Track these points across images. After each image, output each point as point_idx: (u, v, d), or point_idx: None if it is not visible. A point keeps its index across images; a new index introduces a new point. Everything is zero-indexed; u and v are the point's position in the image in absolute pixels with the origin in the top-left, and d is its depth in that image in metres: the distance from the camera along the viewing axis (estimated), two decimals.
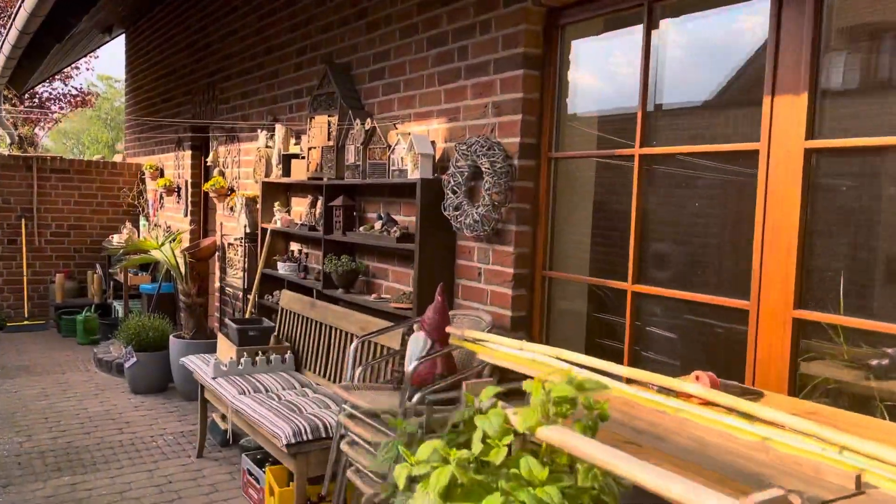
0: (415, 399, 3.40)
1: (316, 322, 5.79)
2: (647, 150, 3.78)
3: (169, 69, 10.53)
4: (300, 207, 6.84)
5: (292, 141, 6.91)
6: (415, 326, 4.10)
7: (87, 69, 37.79)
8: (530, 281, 4.36)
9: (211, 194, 8.51)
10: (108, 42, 13.76)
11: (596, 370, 2.27)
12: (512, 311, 4.30)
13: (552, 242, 4.35)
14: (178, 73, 10.14)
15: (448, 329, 3.09)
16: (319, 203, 6.34)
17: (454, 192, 4.53)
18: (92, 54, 19.77)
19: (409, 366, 3.70)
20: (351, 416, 3.90)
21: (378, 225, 5.28)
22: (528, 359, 2.50)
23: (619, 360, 3.38)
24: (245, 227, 7.06)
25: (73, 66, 20.56)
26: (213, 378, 5.39)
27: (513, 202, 4.27)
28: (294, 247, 6.92)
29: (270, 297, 6.89)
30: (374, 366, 4.71)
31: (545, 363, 2.42)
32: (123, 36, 13.18)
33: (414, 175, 4.81)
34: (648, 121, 3.78)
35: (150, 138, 11.55)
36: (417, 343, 3.82)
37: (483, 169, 4.30)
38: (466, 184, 4.49)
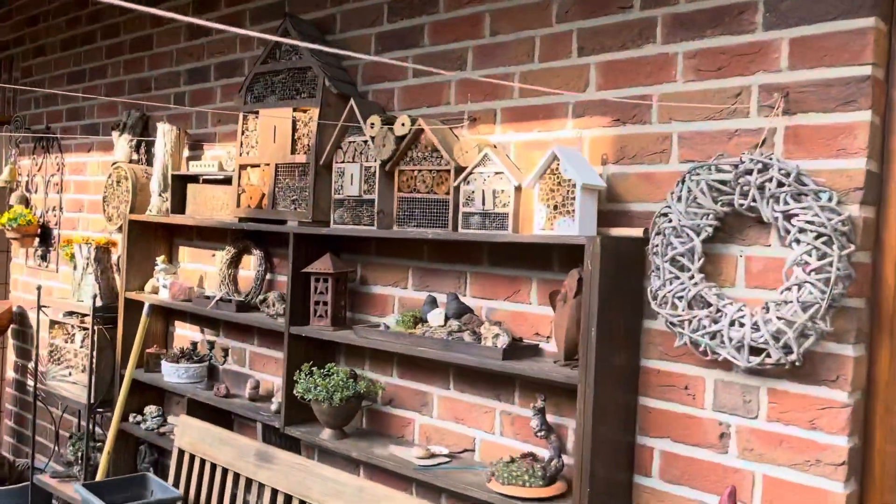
0: None
1: (275, 496, 3.06)
2: None
3: None
4: (206, 266, 4.02)
5: (185, 152, 4.09)
6: None
7: None
8: (866, 462, 2.08)
9: (8, 234, 5.30)
10: None
11: None
12: None
13: None
14: None
15: None
16: (256, 261, 3.61)
17: (683, 269, 2.15)
18: None
19: None
20: None
21: (437, 318, 2.72)
22: None
23: None
24: (95, 296, 4.09)
25: None
26: None
27: (840, 294, 1.98)
28: (186, 331, 4.07)
29: (141, 417, 3.98)
30: None
31: None
32: None
33: (553, 226, 2.37)
34: None
35: None
36: None
37: (783, 224, 1.99)
38: (704, 251, 2.15)
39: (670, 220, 2.18)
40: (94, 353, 4.10)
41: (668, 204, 2.20)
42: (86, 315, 4.16)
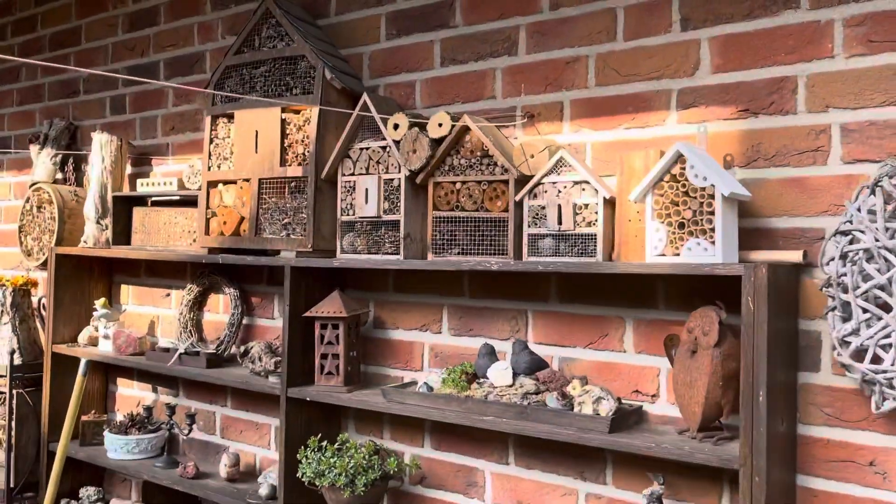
0: None
1: None
2: None
3: None
4: (158, 309, 3.24)
5: (128, 169, 3.31)
6: None
7: None
8: None
9: None
10: None
11: None
12: None
13: None
14: None
15: None
16: (230, 302, 2.87)
17: (886, 307, 1.58)
18: None
19: None
20: None
21: (503, 376, 2.06)
22: None
23: None
24: (12, 352, 3.23)
25: None
26: None
27: None
28: (132, 390, 3.27)
29: (76, 503, 3.15)
30: None
31: None
32: None
33: (678, 250, 1.77)
34: None
35: None
36: None
37: None
38: None
39: (859, 241, 1.60)
40: (13, 425, 3.23)
41: (850, 219, 1.63)
42: (1, 376, 3.29)
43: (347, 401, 2.30)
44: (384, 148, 2.36)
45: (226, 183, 2.71)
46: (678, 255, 1.76)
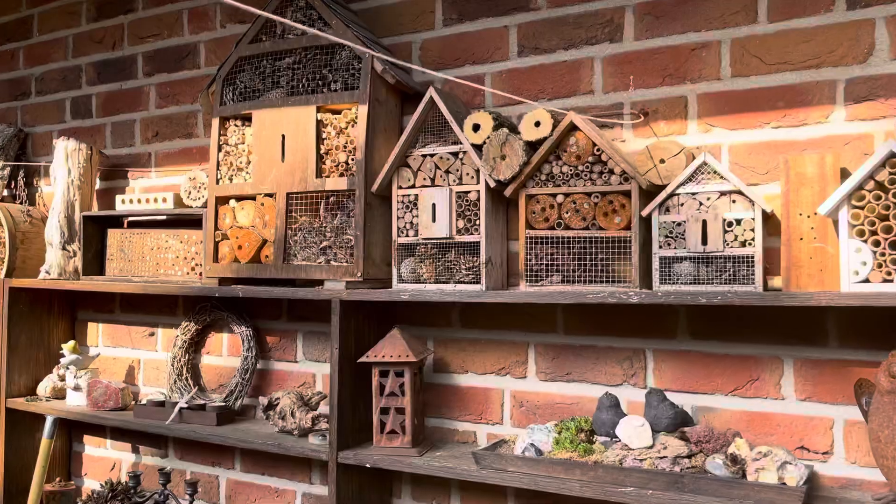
0: None
1: None
2: None
3: None
4: (138, 351, 2.68)
5: (96, 182, 2.76)
6: None
7: None
8: None
9: None
10: None
11: None
12: None
13: None
14: None
15: None
16: (240, 341, 2.38)
17: None
18: None
19: None
20: None
21: (640, 435, 1.65)
22: None
23: None
24: None
25: None
26: None
27: None
28: (103, 451, 2.70)
29: None
30: None
31: None
32: None
33: (891, 276, 1.40)
34: None
35: None
36: None
37: None
38: None
39: None
40: None
41: None
42: None
43: (422, 468, 1.84)
44: (455, 154, 1.93)
45: (240, 199, 2.22)
46: (892, 280, 1.41)
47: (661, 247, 1.68)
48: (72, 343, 2.57)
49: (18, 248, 2.76)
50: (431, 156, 1.96)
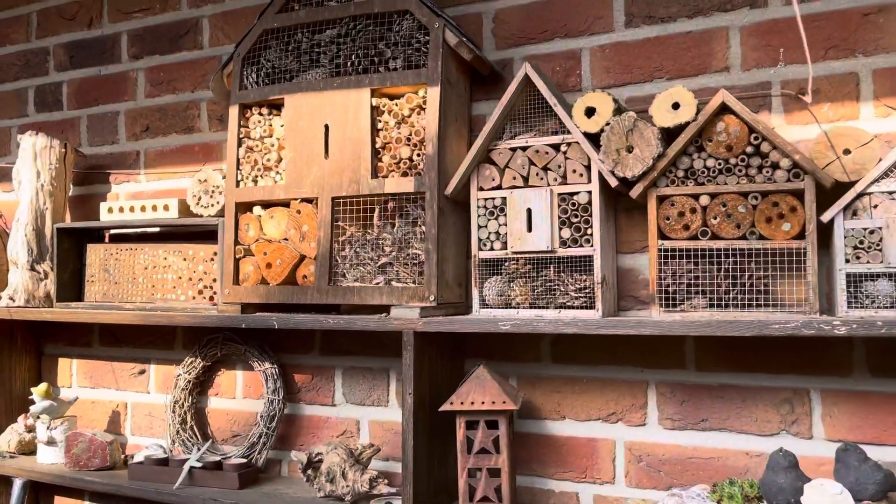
0: None
1: None
2: None
3: None
4: (124, 393, 2.20)
5: (69, 187, 2.27)
6: None
7: None
8: None
9: None
10: None
11: None
12: None
13: None
14: None
15: None
16: (262, 381, 1.94)
17: None
18: None
19: None
20: None
21: (835, 502, 1.27)
22: None
23: None
24: None
25: None
26: None
27: None
28: None
29: None
30: None
31: None
32: None
33: None
34: None
35: None
36: None
37: None
38: None
39: None
40: None
41: None
42: None
43: None
44: (556, 147, 1.54)
45: (268, 206, 1.78)
46: None
47: (847, 261, 1.32)
48: (43, 386, 2.07)
49: None
50: (524, 149, 1.57)
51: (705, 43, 1.56)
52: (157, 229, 2.12)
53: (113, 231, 2.18)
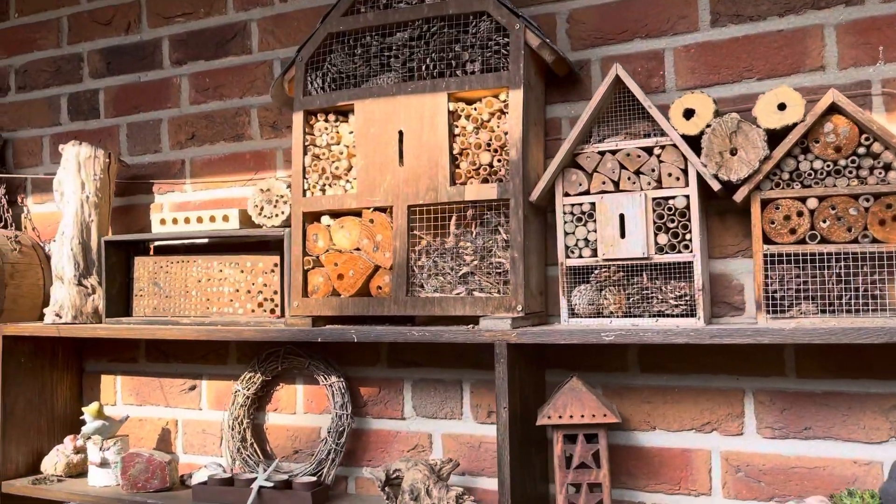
0: None
1: None
2: None
3: None
4: (173, 409, 2.12)
5: (112, 201, 2.18)
6: None
7: None
8: None
9: None
10: None
11: None
12: None
13: None
14: None
15: None
16: (328, 396, 1.89)
17: None
18: None
19: None
20: None
21: None
22: None
23: None
24: None
25: None
26: None
27: None
28: None
29: None
30: None
31: None
32: None
33: None
34: None
35: None
36: None
37: None
38: None
39: None
40: None
41: None
42: None
43: None
44: (649, 150, 1.49)
45: (337, 215, 1.72)
46: None
47: None
48: (95, 405, 1.99)
49: (7, 284, 2.17)
50: (613, 153, 1.52)
51: (798, 41, 1.52)
52: (205, 241, 2.04)
53: (157, 243, 2.10)
